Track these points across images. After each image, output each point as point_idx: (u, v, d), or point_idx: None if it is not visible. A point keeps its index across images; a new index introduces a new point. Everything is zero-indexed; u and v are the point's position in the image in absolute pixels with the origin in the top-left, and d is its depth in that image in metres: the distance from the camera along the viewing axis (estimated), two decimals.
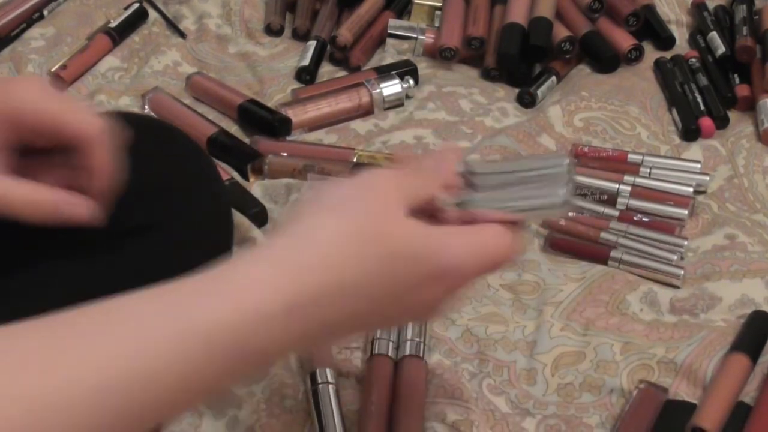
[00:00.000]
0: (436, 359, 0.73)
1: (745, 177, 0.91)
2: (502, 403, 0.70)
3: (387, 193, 0.49)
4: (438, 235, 0.49)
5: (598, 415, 0.70)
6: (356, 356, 0.73)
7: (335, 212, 0.48)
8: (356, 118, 0.99)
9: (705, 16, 1.07)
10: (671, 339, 0.74)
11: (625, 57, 1.04)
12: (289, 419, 0.69)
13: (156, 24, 1.11)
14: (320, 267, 0.46)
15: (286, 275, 0.45)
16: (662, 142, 0.95)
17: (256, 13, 1.12)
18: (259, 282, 0.45)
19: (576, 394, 0.71)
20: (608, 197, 0.87)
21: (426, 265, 0.48)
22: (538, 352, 0.73)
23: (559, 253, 0.83)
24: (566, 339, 0.74)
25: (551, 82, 1.02)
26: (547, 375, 0.72)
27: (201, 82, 1.02)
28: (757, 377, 0.71)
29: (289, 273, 0.45)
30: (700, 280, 0.80)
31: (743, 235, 0.84)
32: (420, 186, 0.51)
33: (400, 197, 0.49)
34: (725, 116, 0.97)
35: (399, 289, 0.48)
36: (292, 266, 0.46)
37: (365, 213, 0.48)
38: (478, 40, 1.04)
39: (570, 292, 0.78)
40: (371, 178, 0.50)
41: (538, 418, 0.70)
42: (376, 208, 0.48)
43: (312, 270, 0.46)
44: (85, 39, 1.07)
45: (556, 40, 1.03)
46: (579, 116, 0.97)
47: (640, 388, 0.70)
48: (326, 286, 0.46)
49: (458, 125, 0.96)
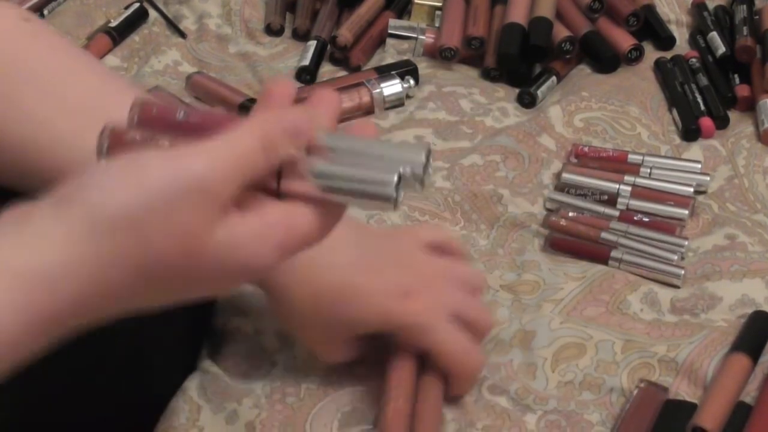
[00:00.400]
0: None
1: (745, 177, 0.91)
2: (503, 401, 0.70)
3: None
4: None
5: (598, 413, 0.70)
6: None
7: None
8: (357, 117, 0.99)
9: (705, 16, 1.07)
10: (672, 337, 0.74)
11: (625, 57, 1.04)
12: (290, 414, 0.69)
13: (156, 24, 1.11)
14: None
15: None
16: (662, 142, 0.95)
17: (256, 13, 1.12)
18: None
19: (576, 393, 0.71)
20: (608, 197, 0.87)
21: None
22: (537, 346, 0.73)
23: (559, 253, 0.83)
24: (566, 330, 0.74)
25: (551, 82, 1.02)
26: (547, 370, 0.72)
27: (201, 82, 1.02)
28: (758, 377, 0.71)
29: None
30: (700, 280, 0.80)
31: (743, 235, 0.84)
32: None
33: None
34: (725, 116, 0.97)
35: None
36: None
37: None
38: (478, 40, 1.04)
39: (570, 290, 0.78)
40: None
41: (538, 414, 0.70)
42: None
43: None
44: (85, 39, 1.07)
45: (556, 40, 1.03)
46: (579, 116, 0.97)
47: (640, 388, 0.70)
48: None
49: (458, 125, 0.96)
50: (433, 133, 0.95)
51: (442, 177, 0.90)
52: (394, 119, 0.98)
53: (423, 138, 0.95)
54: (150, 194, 0.44)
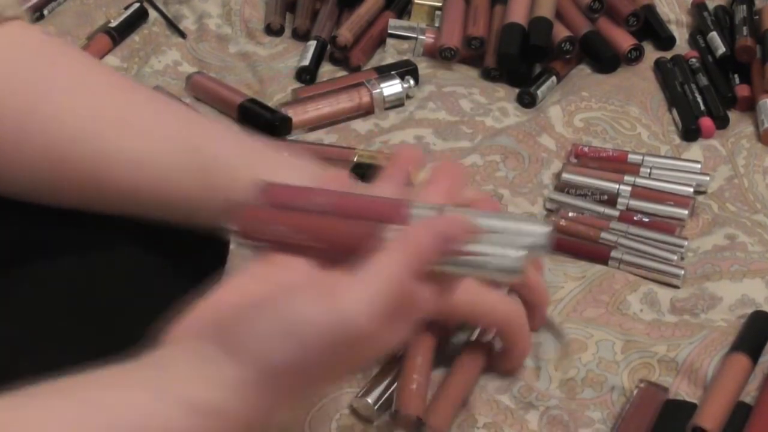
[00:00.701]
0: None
1: (745, 177, 0.91)
2: (506, 398, 0.71)
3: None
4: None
5: (599, 412, 0.70)
6: None
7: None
8: (356, 117, 0.99)
9: (705, 16, 1.07)
10: (672, 337, 0.74)
11: (625, 57, 1.04)
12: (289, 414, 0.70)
13: (156, 24, 1.11)
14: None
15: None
16: (662, 143, 0.95)
17: (256, 13, 1.12)
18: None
19: (578, 390, 0.71)
20: (608, 197, 0.87)
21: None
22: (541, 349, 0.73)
23: (559, 253, 0.83)
24: (567, 329, 0.74)
25: (551, 82, 1.02)
26: (551, 370, 0.72)
27: (201, 82, 1.02)
28: (758, 377, 0.71)
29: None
30: (700, 280, 0.80)
31: (743, 236, 0.84)
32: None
33: None
34: (725, 116, 0.97)
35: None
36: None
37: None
38: (478, 40, 1.04)
39: (570, 290, 0.78)
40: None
41: (540, 410, 0.70)
42: None
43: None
44: (85, 39, 1.07)
45: (556, 40, 1.03)
46: (579, 116, 0.97)
47: (640, 388, 0.70)
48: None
49: (458, 125, 0.96)
50: (433, 133, 0.95)
51: None
52: (394, 119, 0.98)
53: (423, 138, 0.95)
54: (309, 347, 0.47)
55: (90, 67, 0.64)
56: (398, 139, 0.94)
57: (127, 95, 0.63)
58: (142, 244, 0.63)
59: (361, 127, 0.98)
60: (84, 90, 0.62)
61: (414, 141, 0.94)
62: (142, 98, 0.64)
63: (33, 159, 0.60)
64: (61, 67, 0.62)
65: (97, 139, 0.60)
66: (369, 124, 0.98)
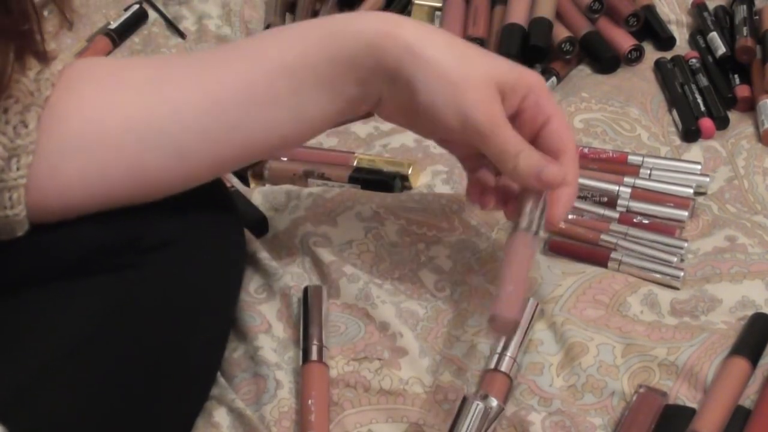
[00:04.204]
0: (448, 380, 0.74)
1: (745, 178, 0.91)
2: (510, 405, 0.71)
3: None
4: None
5: (599, 418, 0.70)
6: None
7: None
8: (356, 120, 0.98)
9: (705, 16, 1.07)
10: (672, 339, 0.74)
11: (625, 57, 1.04)
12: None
13: (156, 24, 1.11)
14: None
15: None
16: (662, 144, 0.95)
17: (256, 14, 1.13)
18: None
19: (578, 395, 0.71)
20: (608, 199, 0.87)
21: None
22: (544, 350, 0.74)
23: (559, 256, 0.83)
24: (568, 332, 0.75)
25: (551, 83, 1.02)
26: (552, 372, 0.73)
27: None
28: (757, 380, 0.71)
29: None
30: (700, 281, 0.80)
31: (743, 237, 0.84)
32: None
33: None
34: (725, 117, 0.97)
35: None
36: None
37: None
38: (478, 40, 1.04)
39: (568, 286, 0.78)
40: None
41: (542, 415, 0.70)
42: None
43: None
44: (84, 40, 1.07)
45: (556, 40, 1.03)
46: (579, 117, 0.97)
47: (639, 393, 0.70)
48: None
49: None
50: None
51: (442, 181, 0.90)
52: None
53: (422, 141, 0.94)
54: None
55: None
56: (398, 143, 0.94)
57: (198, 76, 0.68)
58: (166, 258, 0.65)
59: (361, 130, 0.97)
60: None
61: (414, 144, 0.94)
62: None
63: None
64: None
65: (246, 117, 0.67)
66: (369, 127, 0.98)
